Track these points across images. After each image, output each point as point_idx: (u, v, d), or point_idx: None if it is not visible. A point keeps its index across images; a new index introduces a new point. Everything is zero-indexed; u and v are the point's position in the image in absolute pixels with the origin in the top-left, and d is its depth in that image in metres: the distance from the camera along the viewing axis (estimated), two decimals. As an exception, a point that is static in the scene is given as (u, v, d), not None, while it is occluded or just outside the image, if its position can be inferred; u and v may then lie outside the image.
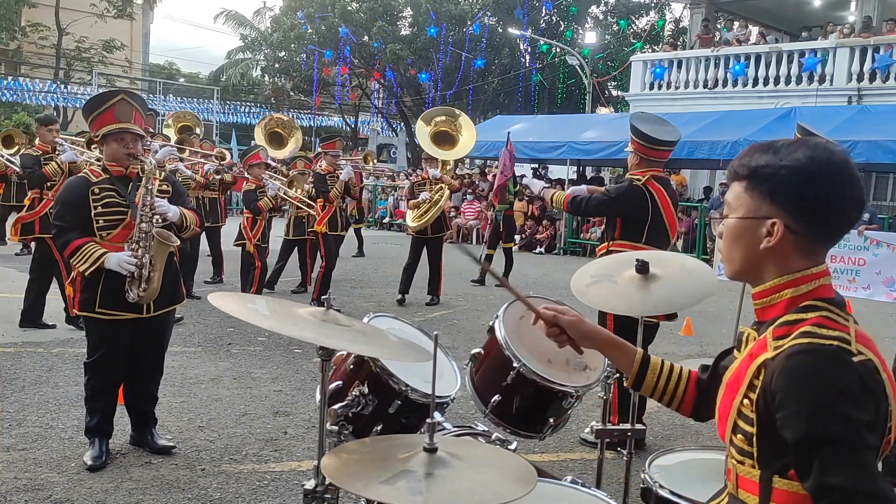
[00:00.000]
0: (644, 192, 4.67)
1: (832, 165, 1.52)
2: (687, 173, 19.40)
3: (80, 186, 4.06)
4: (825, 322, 1.49)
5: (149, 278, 4.03)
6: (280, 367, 6.25)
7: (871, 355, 1.46)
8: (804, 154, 1.53)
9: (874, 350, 1.49)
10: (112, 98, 4.10)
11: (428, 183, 9.35)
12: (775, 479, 1.50)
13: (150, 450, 4.29)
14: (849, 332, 1.48)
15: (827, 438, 1.38)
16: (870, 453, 1.40)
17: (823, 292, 1.56)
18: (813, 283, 1.56)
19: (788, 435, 1.43)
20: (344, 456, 1.86)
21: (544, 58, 29.19)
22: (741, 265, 1.64)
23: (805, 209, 1.53)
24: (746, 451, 1.54)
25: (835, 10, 21.32)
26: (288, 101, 35.83)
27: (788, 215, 1.54)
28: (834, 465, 1.37)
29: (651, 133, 4.67)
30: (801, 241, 1.55)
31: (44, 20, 34.21)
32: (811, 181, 1.51)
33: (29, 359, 6.06)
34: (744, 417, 1.54)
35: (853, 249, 12.20)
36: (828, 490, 1.38)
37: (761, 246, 1.57)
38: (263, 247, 8.46)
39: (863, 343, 1.48)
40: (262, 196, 8.20)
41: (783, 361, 1.46)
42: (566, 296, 3.02)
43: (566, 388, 2.64)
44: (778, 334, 1.53)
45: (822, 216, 1.53)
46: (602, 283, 2.76)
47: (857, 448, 1.38)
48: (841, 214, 1.55)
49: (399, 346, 2.22)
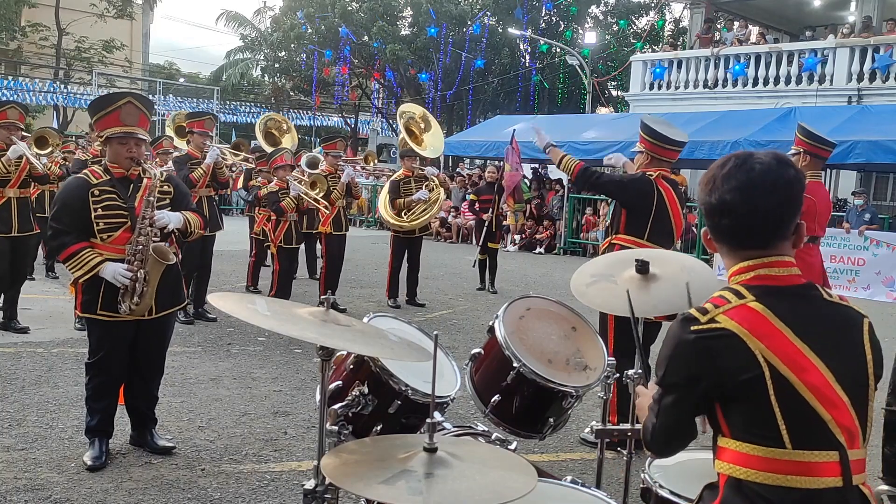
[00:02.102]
0: (652, 186, 4.70)
1: (732, 179, 1.81)
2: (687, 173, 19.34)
3: (79, 188, 4.03)
4: (716, 300, 1.78)
5: (142, 293, 3.99)
6: (280, 367, 6.24)
7: (730, 325, 1.71)
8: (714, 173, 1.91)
9: (756, 326, 1.71)
10: (119, 100, 4.08)
11: (413, 181, 9.06)
12: (719, 437, 1.82)
13: (150, 450, 4.29)
14: (720, 305, 1.75)
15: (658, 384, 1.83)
16: (660, 406, 1.83)
17: (774, 280, 1.79)
18: (753, 271, 1.81)
19: None
20: (344, 456, 1.86)
21: (544, 58, 29.18)
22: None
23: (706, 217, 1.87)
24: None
25: (835, 10, 21.32)
26: (288, 100, 35.82)
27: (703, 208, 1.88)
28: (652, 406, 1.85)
29: (664, 132, 4.71)
30: (718, 241, 1.88)
31: (44, 20, 34.18)
32: (709, 192, 1.86)
33: (29, 359, 6.06)
34: None
35: (853, 249, 12.20)
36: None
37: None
38: (286, 248, 8.18)
39: (734, 317, 1.72)
40: (284, 197, 8.10)
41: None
42: (566, 296, 3.02)
43: (566, 388, 2.64)
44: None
45: (711, 223, 1.86)
46: (602, 283, 2.76)
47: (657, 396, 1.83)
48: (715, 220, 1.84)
49: (399, 346, 2.22)
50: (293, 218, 8.10)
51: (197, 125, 7.97)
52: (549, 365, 2.68)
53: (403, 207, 8.97)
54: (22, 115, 6.92)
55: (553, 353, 2.73)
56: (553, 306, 2.94)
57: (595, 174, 4.92)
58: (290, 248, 8.24)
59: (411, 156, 9.22)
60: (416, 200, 8.93)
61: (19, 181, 6.75)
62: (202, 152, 7.80)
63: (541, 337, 2.78)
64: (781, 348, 1.70)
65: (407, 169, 9.21)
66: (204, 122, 8.05)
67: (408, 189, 9.06)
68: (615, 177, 4.98)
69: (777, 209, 1.78)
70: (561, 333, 2.82)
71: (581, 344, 2.82)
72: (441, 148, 9.97)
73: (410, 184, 9.07)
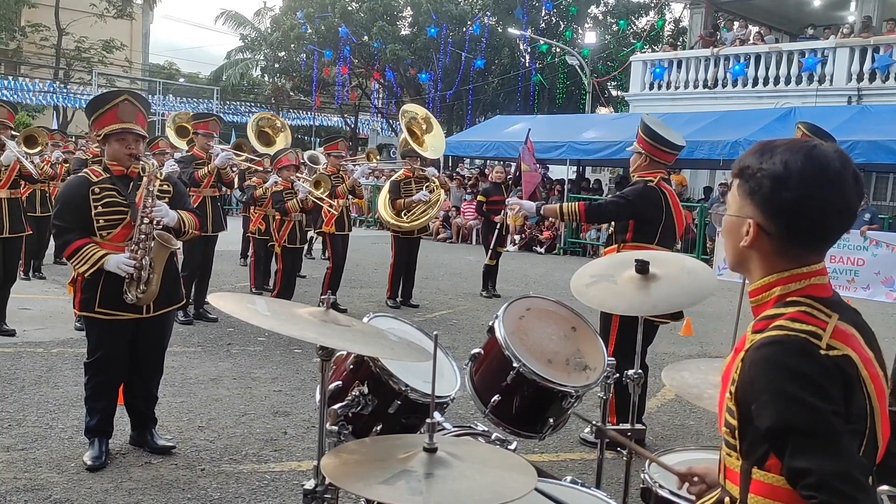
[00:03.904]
0: (658, 193, 4.72)
1: (809, 171, 1.52)
2: (687, 173, 19.40)
3: (80, 186, 4.05)
4: (801, 316, 1.51)
5: (148, 280, 4.01)
6: (280, 367, 6.24)
7: (847, 351, 1.48)
8: (782, 158, 1.54)
9: (856, 348, 1.51)
10: (115, 98, 4.10)
11: (414, 181, 9.05)
12: (754, 470, 1.54)
13: (150, 450, 4.29)
14: (824, 328, 1.49)
15: (794, 426, 1.42)
16: (839, 437, 1.42)
17: (813, 290, 1.57)
18: (802, 281, 1.58)
19: (761, 424, 1.47)
20: (344, 456, 1.86)
21: (544, 58, 29.18)
22: (731, 259, 1.69)
23: (776, 212, 1.54)
24: (731, 442, 1.59)
25: (835, 10, 21.32)
26: (288, 101, 35.82)
27: (762, 217, 1.56)
28: (803, 451, 1.42)
29: (664, 135, 4.71)
30: (776, 242, 1.57)
31: (44, 20, 34.20)
32: (783, 186, 1.52)
33: (29, 359, 6.06)
34: (728, 410, 1.59)
35: (853, 249, 12.20)
36: (799, 473, 1.42)
37: (741, 244, 1.61)
38: (290, 248, 8.12)
39: (840, 339, 1.49)
40: (290, 197, 8.09)
41: (753, 353, 1.51)
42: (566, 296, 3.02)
43: (566, 388, 2.64)
44: (756, 328, 1.56)
45: (795, 221, 1.54)
46: (602, 283, 2.76)
47: (825, 434, 1.41)
48: (818, 221, 1.54)
49: (399, 346, 2.22)
50: (298, 218, 8.10)
51: (202, 126, 8.00)
52: (548, 365, 2.68)
53: (404, 208, 8.97)
54: (11, 114, 6.88)
55: (553, 353, 2.73)
56: (553, 306, 2.93)
57: (599, 207, 5.10)
58: (294, 248, 8.25)
59: (413, 156, 9.21)
60: (416, 201, 8.93)
61: (9, 182, 6.73)
62: (207, 153, 7.82)
63: (541, 337, 2.78)
64: (873, 377, 1.52)
65: (408, 169, 9.20)
66: (209, 123, 8.07)
67: (408, 190, 9.06)
68: (619, 200, 4.85)
69: (856, 208, 1.58)
70: (561, 333, 2.82)
71: (581, 344, 2.82)
72: (442, 149, 9.98)
73: (411, 184, 9.08)
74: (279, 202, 8.04)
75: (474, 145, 19.52)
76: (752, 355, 1.51)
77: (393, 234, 9.18)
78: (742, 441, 1.56)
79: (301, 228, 8.26)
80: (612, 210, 4.91)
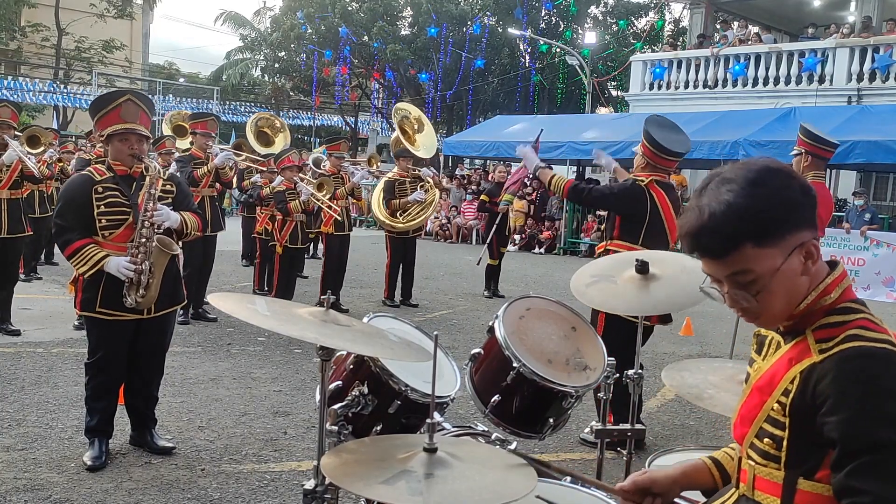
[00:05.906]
0: (644, 193, 4.70)
1: (765, 169, 1.51)
2: (687, 173, 19.39)
3: (83, 185, 4.04)
4: (869, 325, 1.49)
5: (147, 285, 4.00)
6: (280, 367, 6.24)
7: None
8: (728, 192, 1.49)
9: None
10: (119, 98, 4.09)
11: (408, 182, 9.05)
12: (800, 480, 1.51)
13: (150, 450, 4.28)
14: (892, 336, 1.48)
15: (878, 443, 1.38)
16: None
17: (850, 294, 1.56)
18: (839, 287, 1.55)
19: (837, 436, 1.42)
20: (344, 456, 1.86)
21: (544, 58, 29.18)
22: (785, 308, 1.56)
23: (791, 217, 1.52)
24: (772, 454, 1.54)
25: (835, 10, 21.33)
26: (288, 101, 35.82)
27: (804, 228, 1.51)
28: (873, 470, 1.37)
29: (662, 141, 4.69)
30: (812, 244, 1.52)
31: (44, 20, 34.17)
32: (761, 197, 1.49)
33: (29, 359, 6.06)
34: (773, 422, 1.54)
35: (853, 249, 12.20)
36: (855, 492, 1.38)
37: (802, 275, 1.53)
38: (291, 248, 8.09)
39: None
40: (292, 197, 8.08)
41: (836, 365, 1.45)
42: (566, 296, 3.02)
43: (566, 388, 2.64)
44: (821, 337, 1.51)
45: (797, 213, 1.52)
46: (602, 283, 2.77)
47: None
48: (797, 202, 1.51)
49: (399, 346, 2.22)
50: (300, 218, 8.10)
51: (200, 126, 7.99)
52: (548, 365, 2.68)
53: (399, 208, 8.98)
54: (14, 114, 6.89)
55: (553, 353, 2.73)
56: (553, 306, 2.93)
57: (584, 190, 4.96)
58: (295, 249, 8.25)
59: (407, 156, 9.21)
60: (412, 201, 8.94)
61: (10, 182, 6.72)
62: (205, 153, 7.81)
63: (541, 337, 2.77)
64: None
65: (402, 170, 9.19)
66: (207, 122, 8.06)
67: (403, 190, 9.05)
68: (605, 189, 4.93)
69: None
70: (561, 333, 2.82)
71: (581, 344, 2.82)
72: (433, 148, 9.97)
73: (405, 185, 9.08)
74: (281, 202, 8.05)
75: (474, 145, 19.52)
76: (836, 367, 1.44)
77: (388, 234, 9.18)
78: (792, 453, 1.51)
79: (303, 229, 8.26)
80: (596, 197, 4.96)
